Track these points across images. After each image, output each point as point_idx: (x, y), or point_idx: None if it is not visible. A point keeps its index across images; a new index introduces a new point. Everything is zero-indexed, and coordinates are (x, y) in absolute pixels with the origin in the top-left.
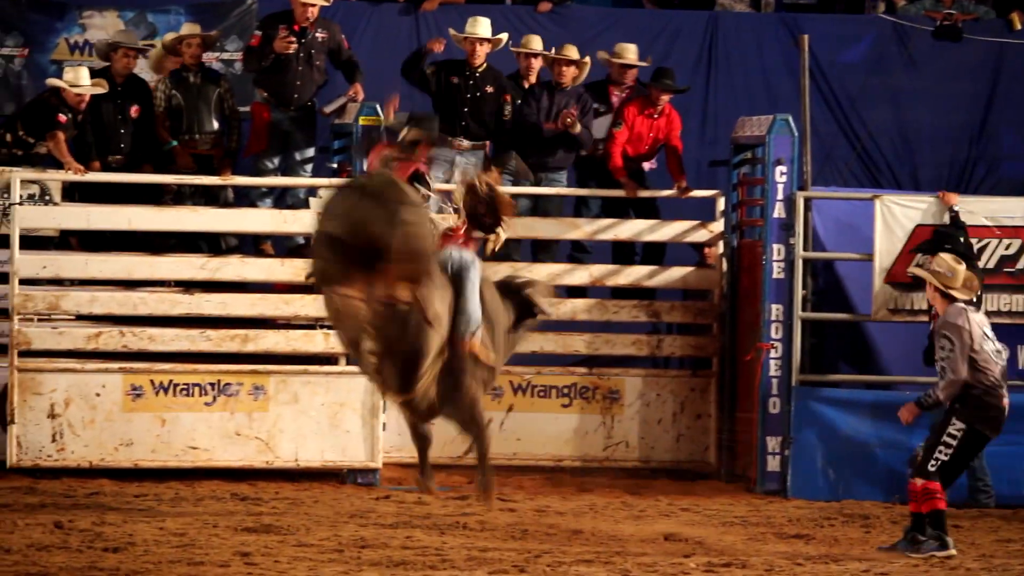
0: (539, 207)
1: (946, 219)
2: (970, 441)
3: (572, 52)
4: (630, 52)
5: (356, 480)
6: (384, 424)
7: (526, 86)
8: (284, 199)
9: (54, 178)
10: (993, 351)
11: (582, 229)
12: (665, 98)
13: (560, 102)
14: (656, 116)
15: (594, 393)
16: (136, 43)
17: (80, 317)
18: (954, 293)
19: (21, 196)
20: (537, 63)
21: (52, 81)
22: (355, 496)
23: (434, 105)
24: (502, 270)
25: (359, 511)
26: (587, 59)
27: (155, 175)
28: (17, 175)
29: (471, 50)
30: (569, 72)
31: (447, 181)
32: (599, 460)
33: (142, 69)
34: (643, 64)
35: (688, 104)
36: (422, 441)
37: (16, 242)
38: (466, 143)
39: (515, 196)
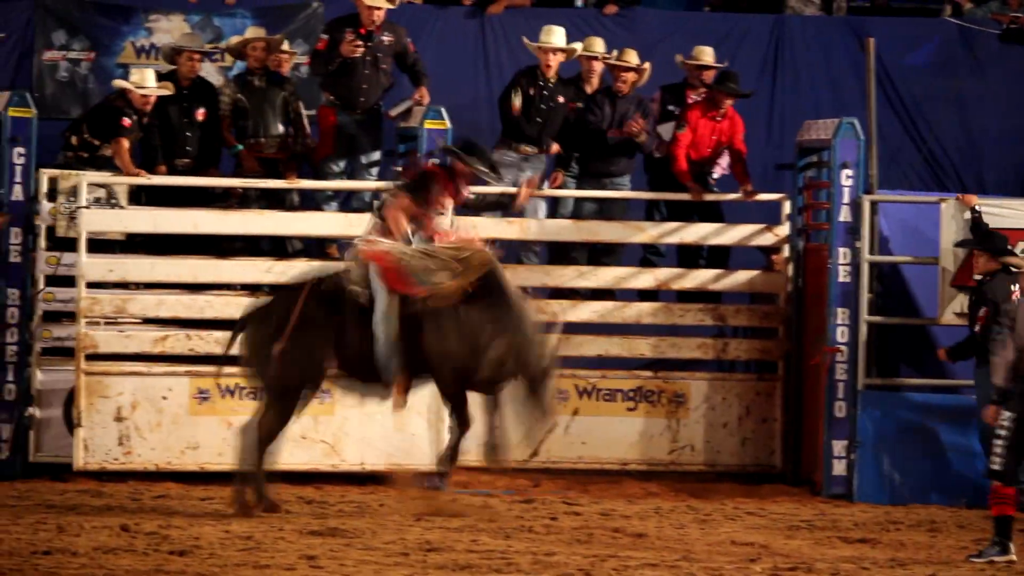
0: (604, 211)
1: (967, 218)
2: (1021, 430)
3: (631, 57)
4: (706, 55)
5: (422, 483)
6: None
7: (588, 90)
8: (350, 203)
9: (121, 181)
10: None
11: (647, 233)
12: (728, 101)
13: (621, 108)
14: (719, 119)
15: (659, 397)
16: (201, 46)
17: (146, 320)
18: None
19: (87, 199)
20: (599, 66)
21: (118, 83)
22: (420, 499)
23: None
24: (567, 273)
25: (425, 514)
26: (647, 65)
27: (221, 179)
28: (85, 179)
29: (545, 60)
30: (629, 77)
31: (513, 184)
32: (664, 464)
33: (208, 72)
34: (719, 67)
35: (754, 107)
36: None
37: (83, 246)
38: (531, 149)
39: (580, 200)
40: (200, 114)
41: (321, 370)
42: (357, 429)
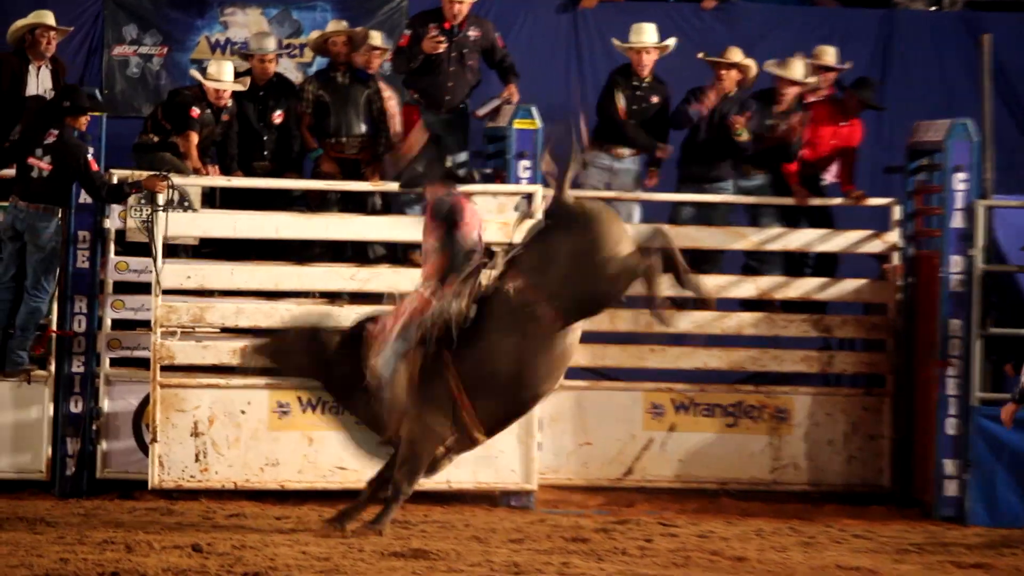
0: (705, 216)
1: None
2: None
3: (735, 55)
4: (828, 55)
5: (510, 503)
6: (540, 444)
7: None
8: None
9: (197, 183)
10: None
11: (749, 239)
12: (859, 110)
13: (723, 108)
14: (843, 124)
15: (761, 412)
16: (269, 49)
17: (224, 330)
18: None
19: (167, 203)
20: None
21: (193, 73)
22: (508, 519)
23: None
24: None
25: (513, 536)
26: (751, 62)
27: (301, 181)
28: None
29: (637, 60)
30: (731, 76)
31: (608, 187)
32: (765, 483)
33: (286, 68)
34: (842, 68)
35: None
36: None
37: (160, 251)
38: (625, 151)
39: (679, 204)
40: (277, 116)
41: None
42: None
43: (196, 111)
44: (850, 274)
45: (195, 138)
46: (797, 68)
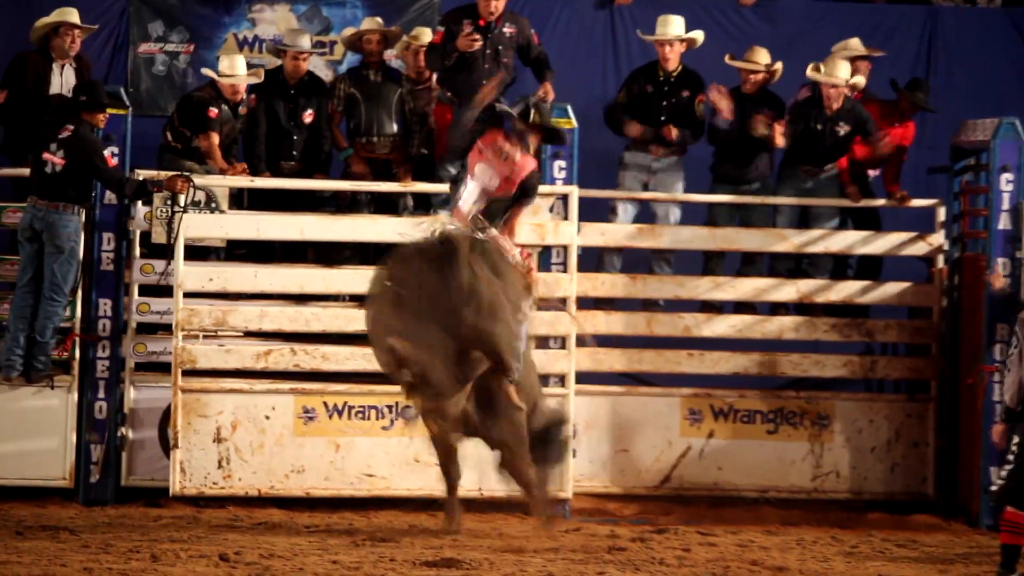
0: (744, 217)
1: None
2: None
3: (759, 56)
4: (856, 47)
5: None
6: (575, 452)
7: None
8: None
9: (223, 183)
10: None
11: (790, 241)
12: (912, 112)
13: (750, 108)
14: (897, 125)
15: (802, 418)
16: (304, 47)
17: (248, 334)
18: None
19: (185, 204)
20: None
21: (206, 71)
22: (543, 528)
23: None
24: (702, 285)
25: (547, 544)
26: (778, 65)
27: (327, 181)
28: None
29: (662, 53)
30: (756, 78)
31: (645, 187)
32: (806, 491)
33: (316, 66)
34: (876, 54)
35: None
36: (452, 476)
37: (181, 253)
38: (662, 150)
39: (715, 205)
40: (308, 115)
41: None
42: (474, 452)
43: (214, 111)
44: (894, 277)
45: (216, 138)
46: (841, 68)
